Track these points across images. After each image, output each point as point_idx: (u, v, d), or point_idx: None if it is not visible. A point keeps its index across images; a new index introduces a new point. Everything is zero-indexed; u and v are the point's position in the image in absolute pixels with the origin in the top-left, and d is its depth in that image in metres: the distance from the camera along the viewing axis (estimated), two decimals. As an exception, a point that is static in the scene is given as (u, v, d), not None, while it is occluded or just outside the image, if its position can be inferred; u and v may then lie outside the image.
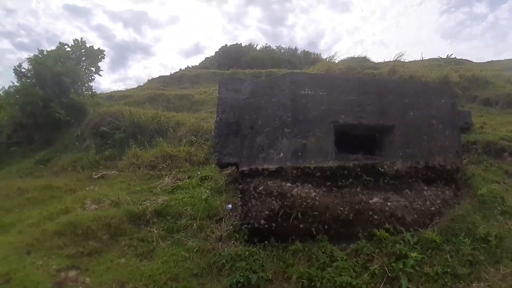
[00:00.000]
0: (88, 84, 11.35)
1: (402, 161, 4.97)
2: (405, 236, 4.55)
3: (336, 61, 11.81)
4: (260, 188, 4.88)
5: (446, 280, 3.96)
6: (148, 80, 17.28)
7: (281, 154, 4.82)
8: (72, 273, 3.89)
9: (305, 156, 4.74)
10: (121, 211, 5.45)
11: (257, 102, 5.27)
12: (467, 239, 4.44)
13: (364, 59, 12.00)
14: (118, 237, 5.01)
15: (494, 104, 9.34)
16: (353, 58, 11.89)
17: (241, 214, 5.11)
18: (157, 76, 17.35)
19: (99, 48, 11.50)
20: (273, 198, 4.76)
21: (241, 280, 3.96)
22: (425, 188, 5.15)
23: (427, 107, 5.34)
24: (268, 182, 4.85)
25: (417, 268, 4.09)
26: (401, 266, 4.08)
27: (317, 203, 4.63)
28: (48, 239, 4.83)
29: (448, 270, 4.05)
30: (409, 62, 11.47)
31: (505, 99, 9.32)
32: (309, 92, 4.94)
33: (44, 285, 3.77)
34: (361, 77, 7.69)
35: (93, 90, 11.78)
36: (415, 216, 4.86)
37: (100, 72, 11.69)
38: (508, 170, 5.94)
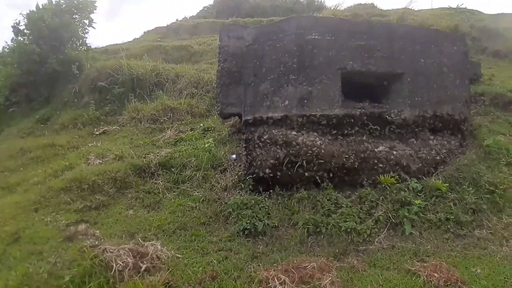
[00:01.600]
0: (83, 39, 10.88)
1: (410, 110, 4.86)
2: (409, 184, 4.57)
3: (342, 8, 11.21)
4: (264, 137, 4.82)
5: (449, 227, 4.05)
6: (144, 32, 16.52)
7: (286, 102, 4.69)
8: (81, 227, 3.93)
9: (311, 104, 4.62)
10: (125, 165, 5.44)
11: (260, 49, 5.04)
12: (471, 188, 4.48)
13: (372, 6, 11.35)
14: (124, 190, 5.05)
15: (504, 56, 9.04)
16: (360, 5, 11.25)
17: (245, 163, 5.10)
18: (154, 28, 16.57)
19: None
20: (278, 146, 4.71)
21: (248, 227, 4.05)
22: (431, 137, 5.09)
23: (438, 54, 5.11)
24: (273, 131, 4.77)
25: (420, 214, 4.17)
26: (405, 213, 4.14)
27: (322, 151, 4.59)
28: (54, 195, 4.87)
29: (451, 217, 4.13)
30: (419, 10, 10.88)
31: (515, 51, 8.99)
32: (316, 37, 4.69)
33: (54, 240, 3.82)
34: (370, 21, 7.33)
35: (88, 45, 11.32)
36: (420, 165, 4.85)
37: (94, 25, 11.15)
38: (514, 123, 5.86)
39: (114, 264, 3.07)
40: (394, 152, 4.78)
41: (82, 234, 3.79)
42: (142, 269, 3.14)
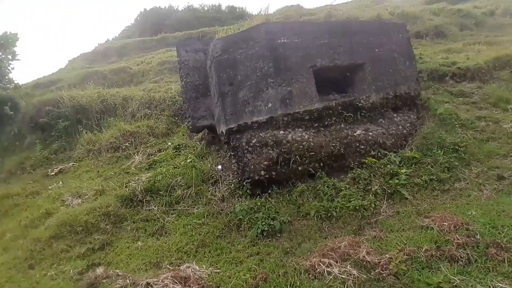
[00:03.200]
0: (9, 76, 9.83)
1: (375, 94, 5.43)
2: (390, 158, 5.11)
3: (271, 12, 11.80)
4: (253, 141, 4.98)
5: (434, 185, 4.63)
6: (68, 61, 15.44)
7: (270, 105, 4.92)
8: (99, 270, 3.60)
9: (293, 103, 4.92)
10: (111, 198, 5.16)
11: (232, 58, 5.19)
12: (439, 151, 5.15)
13: (299, 6, 12.17)
14: (120, 224, 4.80)
15: (425, 36, 10.38)
16: (287, 6, 11.98)
17: (237, 170, 5.19)
18: (79, 54, 15.55)
19: (10, 32, 9.87)
20: (269, 148, 4.90)
21: (266, 229, 4.16)
22: (394, 115, 5.74)
23: (388, 42, 5.78)
24: (260, 134, 4.96)
25: (409, 180, 4.69)
26: (396, 181, 4.64)
27: (312, 144, 4.91)
28: (46, 246, 4.45)
29: (433, 177, 4.73)
30: (340, 4, 11.96)
31: (433, 30, 10.41)
32: (286, 41, 5.00)
33: (76, 292, 3.46)
34: (329, 21, 7.92)
35: (15, 81, 10.26)
36: (393, 140, 5.43)
37: (18, 57, 10.13)
38: (452, 91, 6.88)
39: (163, 294, 2.98)
40: (370, 133, 5.30)
41: (104, 277, 3.51)
42: (191, 291, 3.10)
